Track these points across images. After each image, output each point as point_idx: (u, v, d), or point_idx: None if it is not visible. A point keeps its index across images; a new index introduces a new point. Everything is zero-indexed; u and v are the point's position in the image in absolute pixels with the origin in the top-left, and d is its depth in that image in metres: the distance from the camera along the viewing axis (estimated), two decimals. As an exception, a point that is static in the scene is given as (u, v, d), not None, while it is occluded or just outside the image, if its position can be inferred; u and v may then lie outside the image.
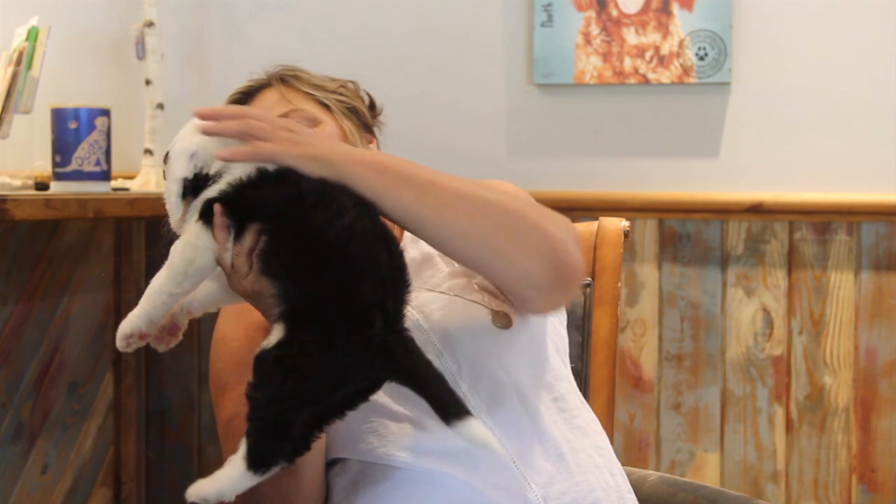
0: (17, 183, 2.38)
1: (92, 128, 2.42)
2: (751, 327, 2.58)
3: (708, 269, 2.60)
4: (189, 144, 1.43)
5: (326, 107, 1.76)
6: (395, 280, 1.34)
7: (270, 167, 1.36)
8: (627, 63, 2.61)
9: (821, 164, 2.56)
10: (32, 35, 2.29)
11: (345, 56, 2.80)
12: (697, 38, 2.58)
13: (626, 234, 1.97)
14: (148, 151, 2.73)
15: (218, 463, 1.59)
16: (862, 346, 2.53)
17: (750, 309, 2.58)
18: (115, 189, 2.53)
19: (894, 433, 2.52)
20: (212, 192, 1.38)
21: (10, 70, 2.28)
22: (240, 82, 1.81)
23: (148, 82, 2.72)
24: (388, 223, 1.38)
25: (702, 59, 2.58)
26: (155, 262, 2.91)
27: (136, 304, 1.43)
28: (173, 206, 1.40)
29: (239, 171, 1.37)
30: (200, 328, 2.88)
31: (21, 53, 2.28)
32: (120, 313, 2.83)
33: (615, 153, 2.67)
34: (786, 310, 2.56)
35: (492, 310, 1.54)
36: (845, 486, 2.55)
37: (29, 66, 2.28)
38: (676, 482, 1.85)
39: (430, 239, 1.39)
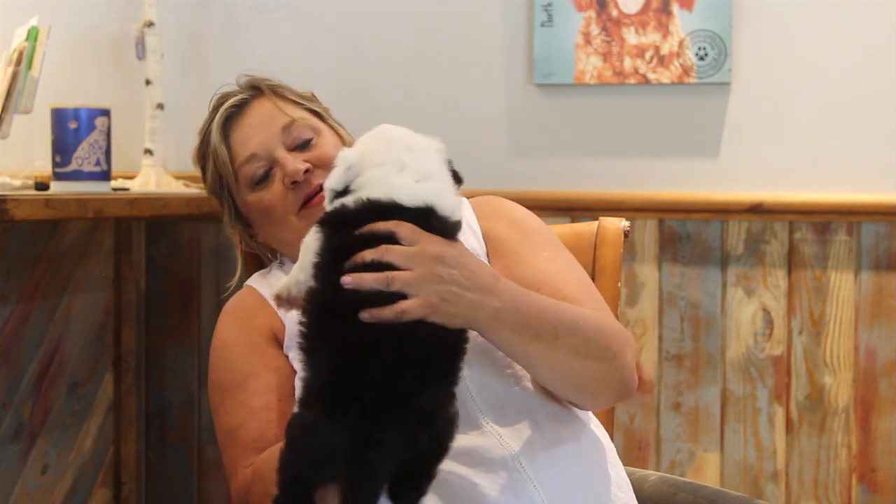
0: (17, 183, 2.38)
1: (92, 128, 2.42)
2: (751, 327, 2.58)
3: (708, 269, 2.60)
4: (350, 154, 1.43)
5: (317, 114, 1.77)
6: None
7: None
8: (627, 63, 2.61)
9: (821, 164, 2.56)
10: (32, 35, 2.29)
11: (344, 56, 2.80)
12: (697, 38, 2.58)
13: (626, 234, 1.97)
14: (148, 151, 2.73)
15: (218, 464, 1.59)
16: (862, 346, 2.53)
17: (750, 309, 2.58)
18: (115, 189, 2.53)
19: (894, 433, 2.52)
20: (336, 204, 1.40)
21: (10, 70, 2.28)
22: (223, 87, 1.80)
23: (148, 82, 2.72)
24: None
25: (702, 59, 2.58)
26: (155, 262, 2.92)
27: (136, 304, 1.43)
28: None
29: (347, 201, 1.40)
30: (201, 328, 2.89)
31: (21, 53, 2.28)
32: (120, 313, 2.83)
33: (615, 153, 2.67)
34: (786, 310, 2.56)
35: None
36: (845, 486, 2.55)
37: (29, 66, 2.29)
38: (676, 482, 1.85)
39: (533, 375, 1.51)
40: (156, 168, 2.72)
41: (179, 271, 2.89)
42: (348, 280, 1.32)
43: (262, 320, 1.67)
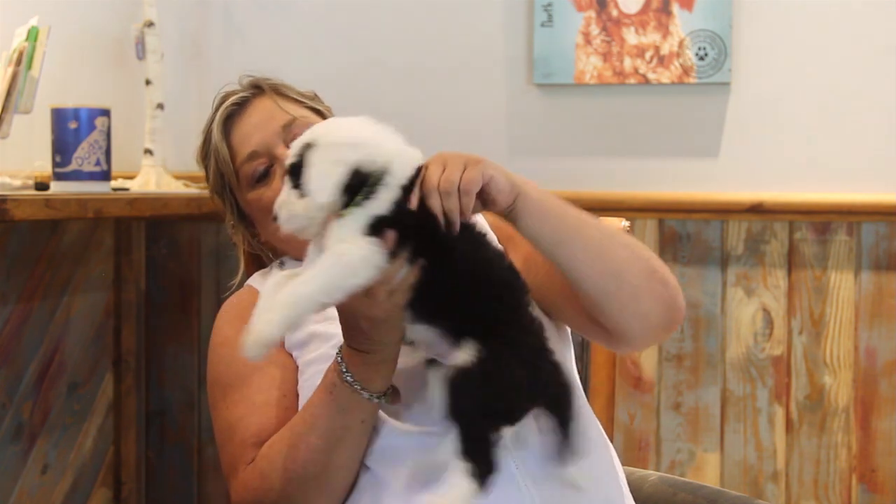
0: (17, 183, 2.38)
1: (92, 128, 2.42)
2: (751, 327, 2.58)
3: (708, 269, 2.60)
4: (359, 136, 1.40)
5: (318, 112, 1.77)
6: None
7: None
8: (627, 63, 2.61)
9: (821, 164, 2.56)
10: (32, 35, 2.29)
11: (344, 56, 2.80)
12: (697, 38, 2.58)
13: (626, 234, 1.97)
14: (148, 151, 2.73)
15: (218, 463, 1.59)
16: (862, 346, 2.53)
17: (750, 309, 2.58)
18: (115, 189, 2.53)
19: (894, 433, 2.52)
20: (378, 208, 1.35)
21: (10, 70, 2.28)
22: (226, 87, 1.80)
23: (148, 82, 2.72)
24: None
25: (702, 59, 2.58)
26: (155, 262, 2.92)
27: (136, 304, 1.42)
28: (325, 195, 1.35)
29: (396, 189, 1.36)
30: (201, 328, 2.89)
31: (21, 53, 2.28)
32: (120, 313, 2.83)
33: (615, 153, 2.67)
34: (786, 310, 2.56)
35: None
36: (845, 486, 2.55)
37: (29, 66, 2.28)
38: (676, 482, 1.85)
39: (568, 264, 1.43)
40: (156, 168, 2.72)
41: (179, 271, 2.89)
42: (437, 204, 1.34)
43: None
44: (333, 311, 1.55)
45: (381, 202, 1.35)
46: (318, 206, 1.36)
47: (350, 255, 1.33)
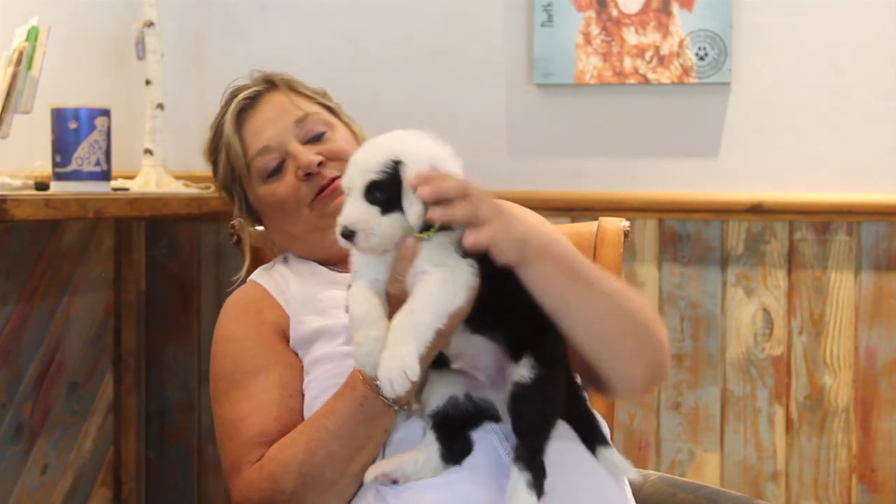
0: (17, 183, 2.38)
1: (92, 128, 2.42)
2: (751, 327, 2.58)
3: (708, 269, 2.60)
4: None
5: (330, 109, 1.77)
6: None
7: None
8: (627, 63, 2.61)
9: (821, 164, 2.56)
10: (32, 35, 2.29)
11: (344, 56, 2.80)
12: (697, 38, 2.58)
13: (626, 234, 1.97)
14: (148, 151, 2.73)
15: (218, 463, 1.58)
16: (862, 346, 2.53)
17: (750, 309, 2.58)
18: (115, 189, 2.53)
19: (894, 433, 2.52)
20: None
21: (10, 70, 2.28)
22: (237, 81, 1.80)
23: (148, 82, 2.72)
24: None
25: (702, 59, 2.58)
26: (155, 262, 2.92)
27: (136, 304, 1.42)
28: (421, 217, 1.36)
29: None
30: (201, 328, 2.89)
31: (21, 53, 2.28)
32: (120, 313, 2.83)
33: (615, 153, 2.67)
34: (786, 310, 2.56)
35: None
36: (845, 486, 2.55)
37: (29, 66, 2.29)
38: (676, 482, 1.85)
39: (567, 325, 1.46)
40: (156, 168, 2.72)
41: (179, 271, 2.89)
42: (438, 212, 1.34)
43: (269, 315, 1.67)
44: (334, 305, 1.55)
45: None
46: (407, 226, 1.37)
47: (456, 280, 1.37)
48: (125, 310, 2.83)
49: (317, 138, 1.71)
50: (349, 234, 1.36)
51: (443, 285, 1.36)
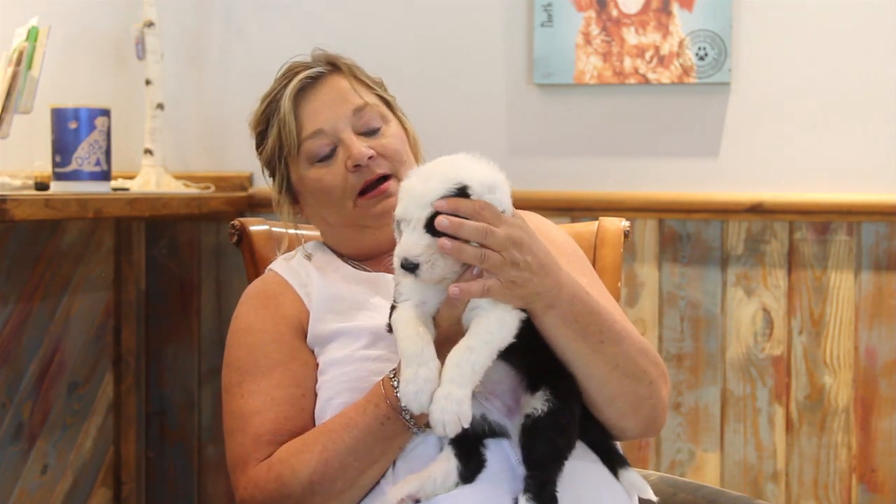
0: (17, 183, 2.38)
1: (92, 128, 2.42)
2: (751, 327, 2.58)
3: (708, 269, 2.60)
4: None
5: (386, 102, 1.76)
6: None
7: None
8: (627, 63, 2.61)
9: (821, 164, 2.56)
10: (32, 35, 2.30)
11: (344, 56, 2.80)
12: (697, 38, 2.58)
13: (626, 234, 1.97)
14: (148, 151, 2.73)
15: (218, 463, 1.59)
16: (862, 346, 2.53)
17: (750, 309, 2.58)
18: (115, 189, 2.53)
19: (894, 433, 2.52)
20: None
21: (10, 70, 2.28)
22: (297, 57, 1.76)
23: (148, 82, 2.73)
24: None
25: (702, 59, 2.58)
26: (155, 262, 2.92)
27: (136, 304, 1.42)
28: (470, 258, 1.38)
29: None
30: (201, 328, 2.89)
31: (21, 53, 2.28)
32: (120, 313, 2.83)
33: (615, 153, 2.67)
34: (786, 310, 2.56)
35: None
36: (845, 486, 2.54)
37: (29, 66, 2.29)
38: (676, 482, 1.85)
39: (574, 372, 1.50)
40: (156, 168, 2.72)
41: (179, 271, 2.89)
42: (448, 245, 1.35)
43: (289, 310, 1.65)
44: (357, 307, 1.54)
45: None
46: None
47: (512, 317, 1.40)
48: (125, 310, 2.83)
49: (372, 132, 1.69)
50: (412, 267, 1.37)
51: (500, 324, 1.39)
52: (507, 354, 1.42)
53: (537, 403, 1.42)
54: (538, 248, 1.42)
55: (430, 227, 1.36)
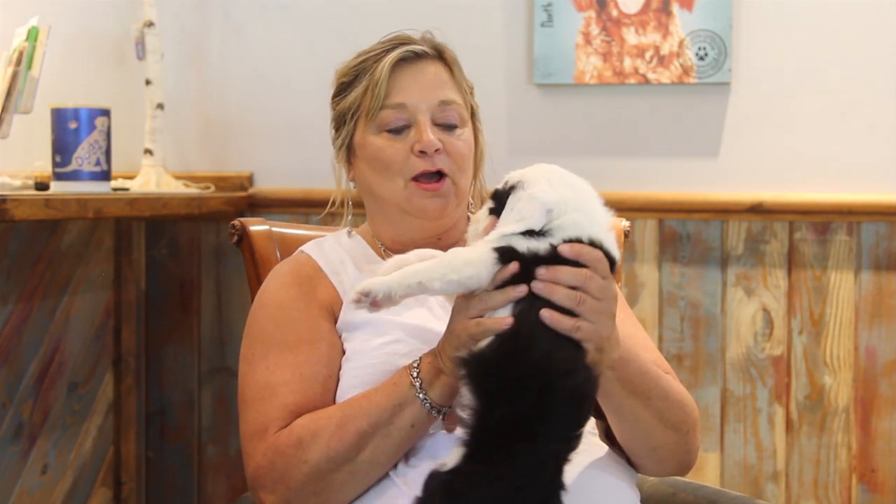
0: (17, 183, 2.38)
1: (92, 128, 2.42)
2: (751, 327, 2.58)
3: (708, 269, 2.60)
4: (553, 198, 1.43)
5: (471, 109, 1.77)
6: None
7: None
8: (627, 63, 2.61)
9: (821, 164, 2.56)
10: (32, 35, 2.30)
11: (344, 56, 2.79)
12: (697, 38, 2.58)
13: (626, 234, 1.97)
14: (148, 151, 2.73)
15: (218, 463, 1.59)
16: (862, 346, 2.53)
17: (750, 309, 2.58)
18: (115, 189, 2.53)
19: (894, 433, 2.52)
20: (521, 244, 1.41)
21: (10, 70, 2.28)
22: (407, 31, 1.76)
23: (148, 82, 2.73)
24: None
25: (702, 59, 2.58)
26: (155, 262, 2.92)
27: (136, 304, 1.42)
28: (503, 230, 1.41)
29: (546, 244, 1.41)
30: (201, 328, 2.89)
31: (21, 53, 2.28)
32: (120, 313, 2.83)
33: (615, 153, 2.67)
34: (786, 310, 2.56)
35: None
36: (845, 486, 2.55)
37: (29, 66, 2.29)
38: (676, 482, 1.85)
39: (613, 422, 1.57)
40: (156, 168, 2.72)
41: (179, 271, 2.89)
42: (542, 288, 1.38)
43: (322, 293, 1.66)
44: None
45: (524, 243, 1.41)
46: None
47: (467, 254, 1.41)
48: (125, 310, 2.83)
49: (448, 128, 1.69)
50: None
51: (463, 258, 1.42)
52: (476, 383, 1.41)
53: (449, 461, 1.39)
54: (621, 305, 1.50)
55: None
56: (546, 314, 1.37)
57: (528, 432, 1.36)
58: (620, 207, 2.58)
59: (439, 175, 1.67)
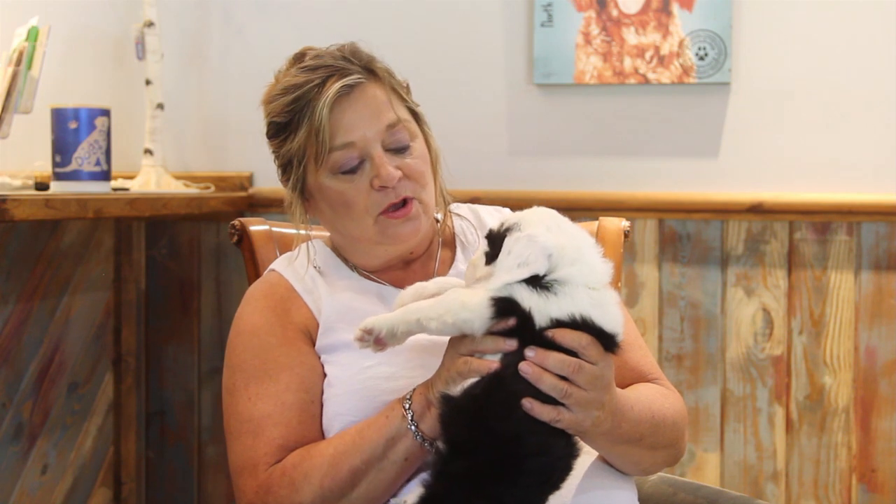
0: (17, 183, 2.38)
1: (92, 128, 2.42)
2: (751, 327, 2.58)
3: (708, 269, 2.60)
4: (553, 243, 1.42)
5: (414, 115, 1.71)
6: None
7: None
8: (627, 63, 2.61)
9: (821, 164, 2.56)
10: (32, 35, 2.30)
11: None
12: (697, 38, 2.58)
13: (626, 234, 1.97)
14: (148, 151, 2.73)
15: (218, 463, 1.59)
16: (862, 346, 2.53)
17: (750, 309, 2.58)
18: (115, 189, 2.53)
19: (894, 433, 2.52)
20: (524, 297, 1.40)
21: (10, 70, 2.28)
22: (332, 50, 1.72)
23: (148, 82, 2.73)
24: None
25: (702, 59, 2.58)
26: (155, 262, 2.92)
27: (136, 304, 1.42)
28: (505, 278, 1.41)
29: (547, 316, 1.40)
30: (201, 328, 2.89)
31: (21, 53, 2.28)
32: (120, 313, 2.83)
33: (615, 153, 2.67)
34: (786, 310, 2.56)
35: None
36: (845, 486, 2.55)
37: (29, 66, 2.29)
38: (676, 482, 1.85)
39: (610, 460, 1.59)
40: (156, 168, 2.72)
41: (179, 271, 2.89)
42: (529, 371, 1.38)
43: (297, 316, 1.64)
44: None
45: (533, 301, 1.40)
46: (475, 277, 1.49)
47: (466, 299, 1.42)
48: (125, 310, 2.83)
49: (401, 150, 1.64)
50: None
51: (461, 302, 1.42)
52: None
53: (409, 499, 1.41)
54: (614, 386, 1.48)
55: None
56: (527, 404, 1.38)
57: (486, 493, 1.36)
58: (620, 207, 2.60)
59: (405, 201, 1.63)
